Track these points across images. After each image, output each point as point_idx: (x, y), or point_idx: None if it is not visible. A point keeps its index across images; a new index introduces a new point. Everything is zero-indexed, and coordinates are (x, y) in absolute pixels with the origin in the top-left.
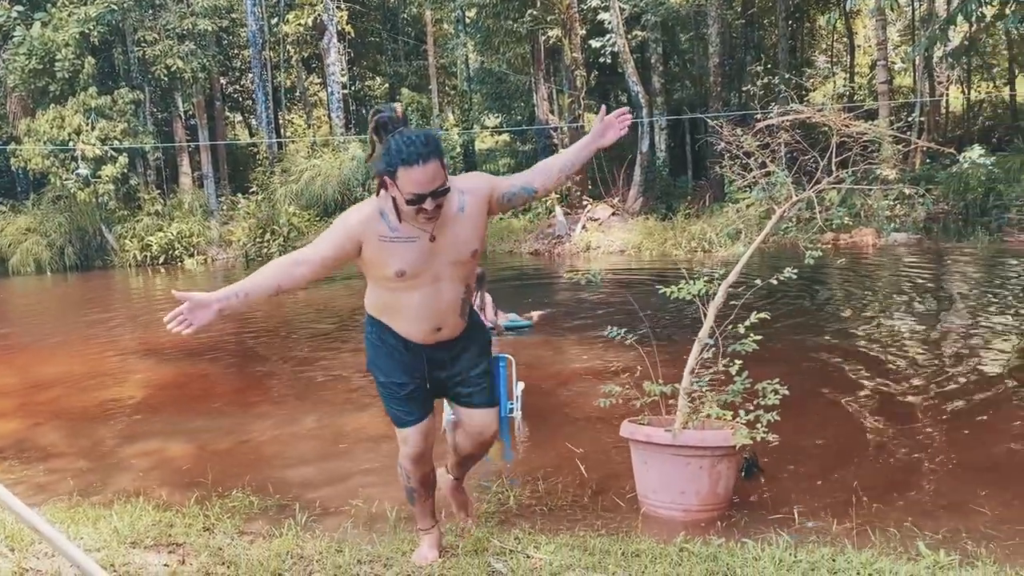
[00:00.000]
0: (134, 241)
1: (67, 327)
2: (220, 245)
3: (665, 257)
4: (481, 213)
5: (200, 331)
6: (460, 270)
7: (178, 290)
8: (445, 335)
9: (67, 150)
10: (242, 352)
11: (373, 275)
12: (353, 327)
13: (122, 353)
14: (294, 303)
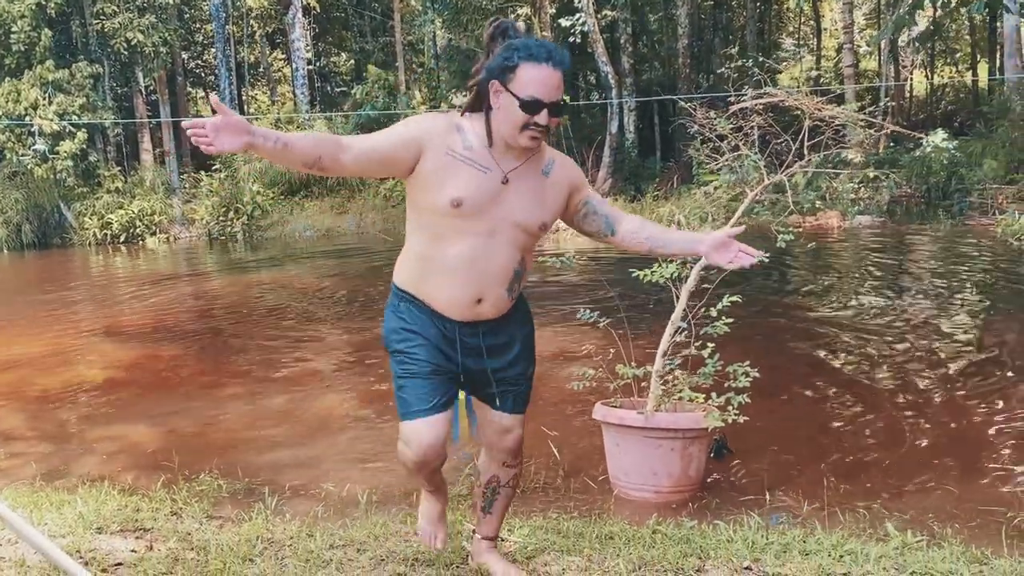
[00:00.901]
0: (94, 219)
1: (26, 306)
2: (183, 223)
3: None
4: (563, 192)
5: (219, 153)
6: (521, 237)
7: (217, 107)
8: (486, 310)
9: (23, 125)
10: (207, 333)
11: (422, 203)
12: (320, 308)
13: (84, 333)
14: (259, 284)
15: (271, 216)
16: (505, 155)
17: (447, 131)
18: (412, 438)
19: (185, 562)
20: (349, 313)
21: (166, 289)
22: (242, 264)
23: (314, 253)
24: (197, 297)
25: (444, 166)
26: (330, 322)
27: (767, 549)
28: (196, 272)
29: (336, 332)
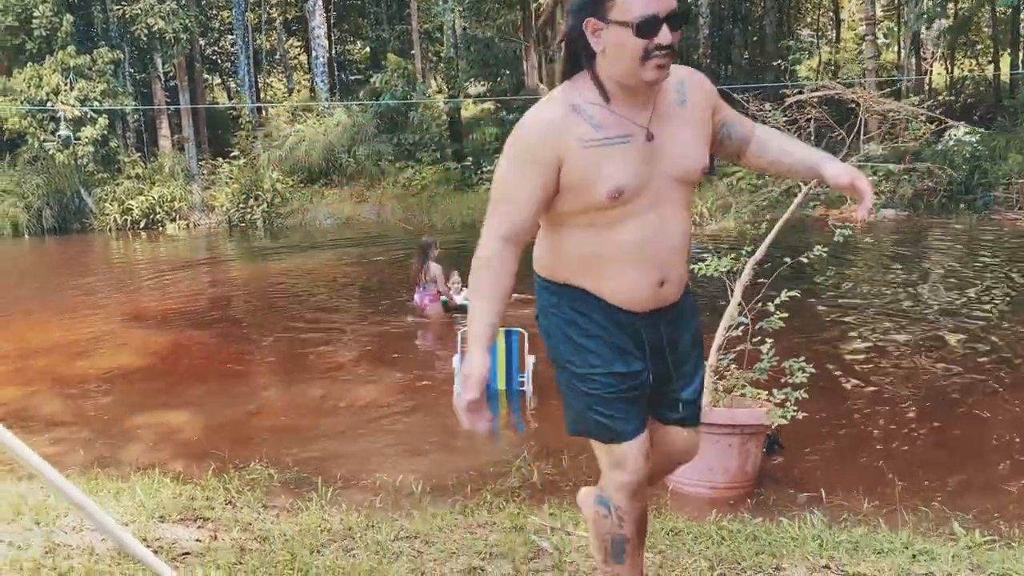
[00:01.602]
0: (114, 205)
1: (52, 292)
2: (202, 210)
3: None
4: (707, 114)
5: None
6: (686, 192)
7: (466, 402)
8: (669, 293)
9: (46, 110)
10: (234, 320)
11: (570, 207)
12: (343, 297)
13: (112, 319)
14: (282, 272)
15: (291, 204)
16: (632, 106)
17: (567, 122)
18: (628, 459)
19: (251, 552)
20: (372, 302)
21: (189, 276)
22: (263, 251)
23: (335, 241)
24: (221, 284)
25: (587, 160)
26: (354, 311)
27: (838, 547)
28: (218, 259)
29: (361, 322)
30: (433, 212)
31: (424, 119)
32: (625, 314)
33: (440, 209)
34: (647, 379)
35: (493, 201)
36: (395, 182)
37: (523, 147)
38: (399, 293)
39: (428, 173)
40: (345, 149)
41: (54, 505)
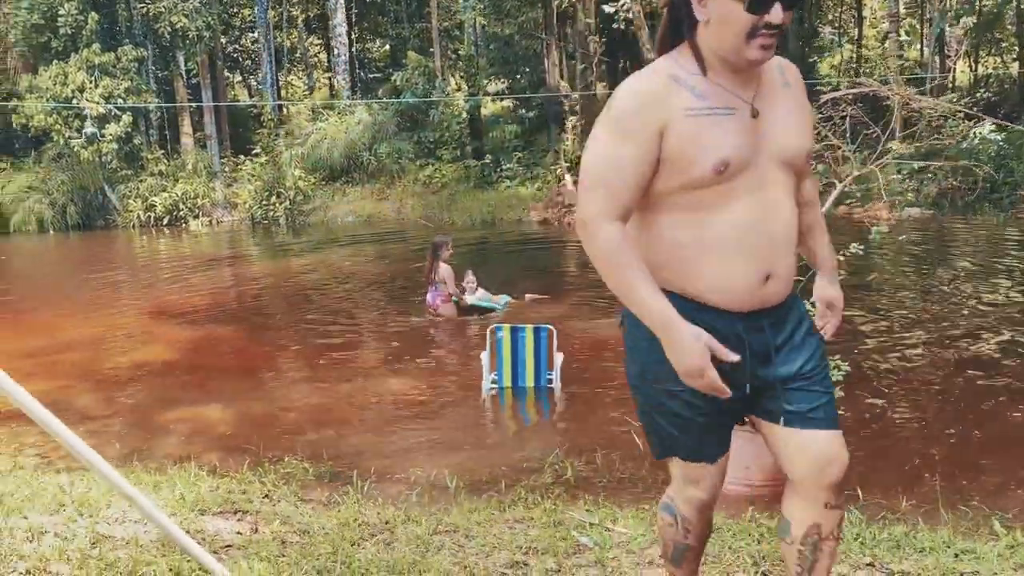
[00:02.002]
0: (138, 201)
1: (79, 288)
2: (225, 207)
3: None
4: (807, 107)
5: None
6: (790, 178)
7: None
8: (774, 291)
9: (71, 108)
10: (262, 316)
11: (669, 184)
12: (366, 293)
13: (139, 315)
14: (305, 268)
15: (313, 201)
16: (733, 82)
17: (669, 90)
18: (705, 478)
19: (292, 545)
20: (394, 299)
21: (213, 272)
22: (286, 248)
23: (356, 238)
24: (245, 280)
25: (690, 132)
26: (377, 308)
27: (879, 545)
28: (241, 255)
29: (383, 318)
30: (453, 209)
31: (444, 117)
32: (724, 319)
33: (460, 206)
34: (743, 396)
35: (592, 184)
36: (415, 180)
37: (623, 117)
38: (420, 290)
39: (448, 171)
40: (366, 147)
41: (96, 497)
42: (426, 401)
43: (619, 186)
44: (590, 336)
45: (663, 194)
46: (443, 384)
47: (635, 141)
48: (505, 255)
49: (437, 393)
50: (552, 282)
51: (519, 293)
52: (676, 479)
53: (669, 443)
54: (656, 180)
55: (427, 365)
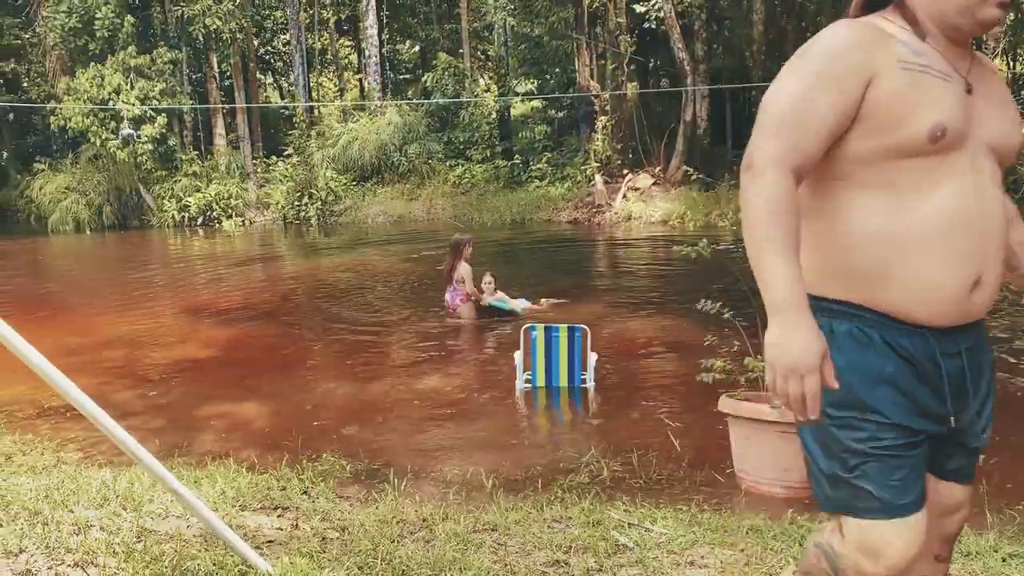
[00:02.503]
0: (172, 201)
1: (116, 287)
2: (258, 207)
3: (711, 228)
4: (1011, 99)
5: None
6: (998, 170)
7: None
8: (980, 301)
9: (107, 109)
10: (295, 314)
11: (869, 148)
12: (398, 292)
13: (175, 313)
14: (337, 268)
15: (344, 201)
16: (949, 52)
17: (883, 40)
18: (886, 547)
19: (332, 541)
20: (425, 298)
21: (246, 271)
22: (318, 248)
23: (387, 238)
24: (278, 279)
25: (902, 87)
26: (407, 307)
27: None
28: (274, 255)
29: (414, 318)
30: (483, 209)
31: (474, 117)
32: (918, 338)
33: (489, 206)
34: (935, 432)
35: (772, 126)
36: (445, 180)
37: (826, 59)
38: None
39: (478, 171)
40: (397, 148)
41: (139, 492)
42: (459, 399)
43: (805, 133)
44: (623, 336)
45: (855, 163)
46: (476, 383)
47: (836, 86)
48: (534, 255)
49: (470, 392)
50: (583, 282)
51: (545, 295)
52: (848, 544)
53: (843, 491)
54: (848, 141)
55: (459, 364)
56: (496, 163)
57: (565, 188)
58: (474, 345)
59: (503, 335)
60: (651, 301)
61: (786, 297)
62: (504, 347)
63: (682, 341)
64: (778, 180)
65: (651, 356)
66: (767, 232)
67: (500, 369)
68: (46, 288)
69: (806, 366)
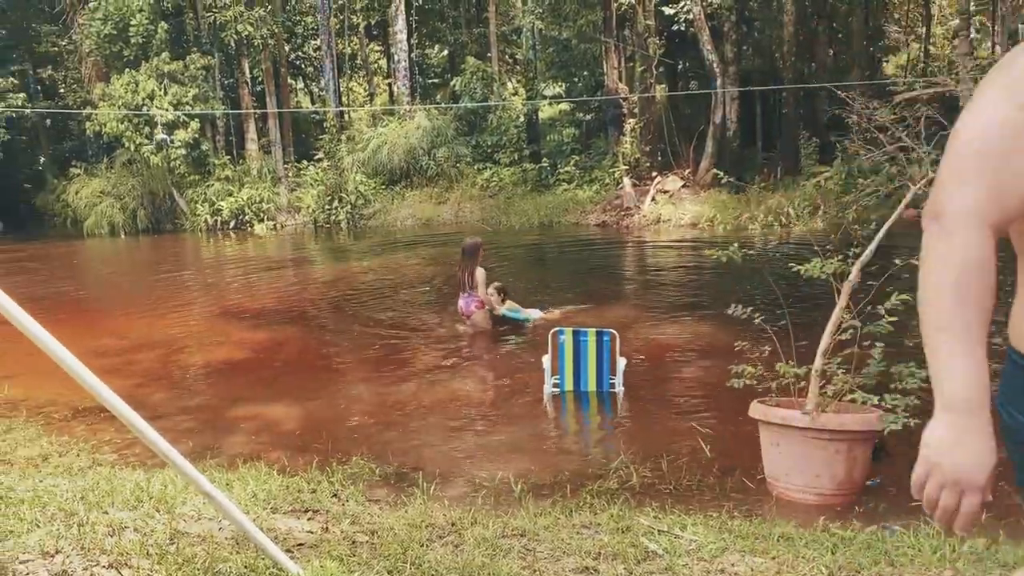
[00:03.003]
0: (204, 206)
1: (149, 290)
2: (289, 211)
3: (741, 231)
4: None
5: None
6: None
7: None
8: None
9: (142, 115)
10: (324, 318)
11: None
12: (426, 296)
13: (207, 316)
14: (367, 271)
15: (374, 205)
16: None
17: None
18: None
19: (362, 545)
20: (453, 302)
21: (278, 274)
22: (347, 251)
23: (415, 242)
24: (308, 282)
25: None
26: (437, 311)
27: (960, 558)
28: (305, 258)
29: (443, 321)
30: (511, 212)
31: (502, 121)
32: None
33: (517, 210)
34: None
35: (969, 164)
36: (473, 183)
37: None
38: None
39: (506, 174)
40: (425, 152)
41: (172, 494)
42: (487, 403)
43: (1013, 175)
44: (653, 340)
45: None
46: (504, 387)
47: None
48: (563, 258)
49: (498, 396)
50: (611, 286)
51: (572, 300)
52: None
53: None
54: None
55: (487, 368)
56: (524, 166)
57: (593, 191)
58: (501, 349)
59: (529, 340)
60: (681, 305)
61: (966, 397)
62: (531, 351)
63: (712, 346)
64: (974, 241)
65: (681, 361)
66: (952, 311)
67: (528, 373)
68: (82, 291)
69: (971, 482)
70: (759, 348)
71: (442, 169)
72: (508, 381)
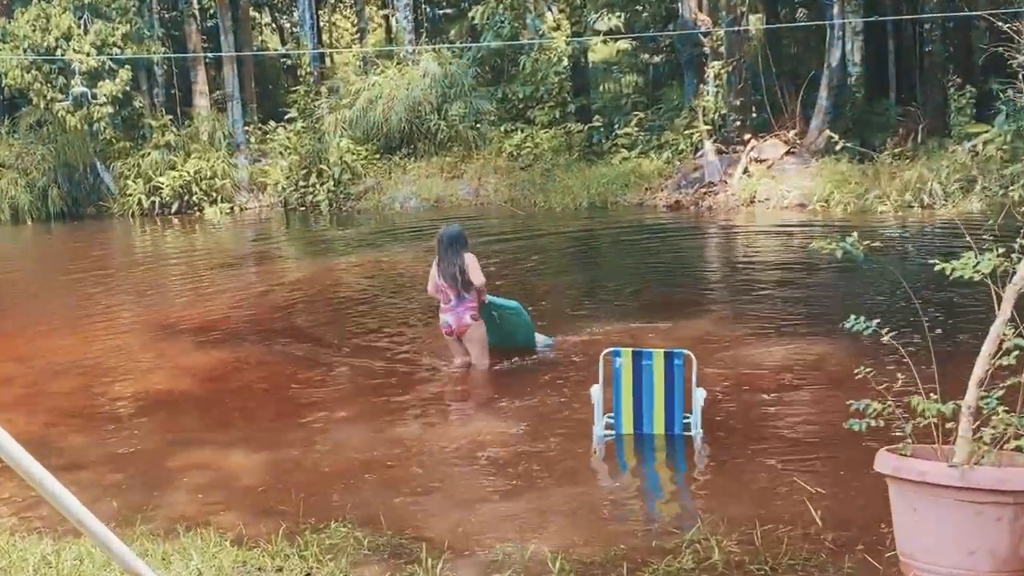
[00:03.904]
0: (138, 182)
1: (64, 295)
2: (251, 189)
3: (866, 214)
4: None
5: None
6: None
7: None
8: None
9: (54, 60)
10: (298, 333)
11: None
12: (431, 306)
13: (141, 331)
14: (352, 271)
15: (364, 181)
16: None
17: None
18: None
19: None
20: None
21: (235, 274)
22: (329, 243)
23: (420, 230)
24: (276, 285)
25: None
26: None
27: None
28: (271, 252)
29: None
30: (549, 190)
31: (538, 66)
32: None
33: (559, 186)
34: None
35: None
36: (499, 151)
37: None
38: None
39: (543, 138)
40: (434, 108)
41: (89, 572)
42: (515, 451)
43: None
44: (743, 365)
45: None
46: (536, 428)
47: None
48: (619, 252)
49: (529, 440)
50: (686, 290)
51: (635, 313)
52: None
53: None
54: None
55: (512, 400)
56: (568, 127)
57: (663, 160)
58: (530, 376)
59: (569, 362)
60: (781, 317)
61: None
62: (573, 379)
63: (824, 373)
64: None
65: (781, 393)
66: None
67: (570, 409)
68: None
69: None
70: (888, 376)
71: (457, 132)
72: (541, 420)
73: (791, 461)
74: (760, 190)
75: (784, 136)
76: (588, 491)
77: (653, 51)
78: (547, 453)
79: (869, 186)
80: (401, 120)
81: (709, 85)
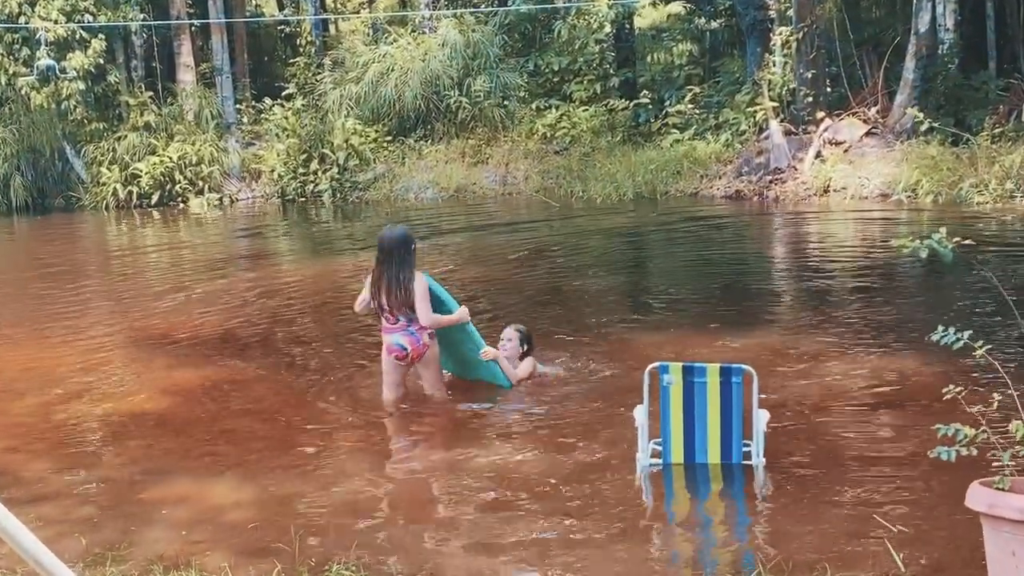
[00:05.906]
0: (113, 169)
1: (26, 300)
2: (243, 177)
3: (961, 207)
4: None
5: None
6: None
7: None
8: None
9: (17, 28)
10: (295, 345)
11: None
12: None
13: (115, 343)
14: (359, 273)
15: (373, 167)
16: None
17: None
18: None
19: None
20: (495, 318)
21: (224, 277)
22: (333, 240)
23: (437, 225)
24: (271, 290)
25: None
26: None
27: None
28: (265, 252)
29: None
30: (589, 178)
31: (576, 33)
32: None
33: (600, 173)
34: None
35: None
36: (530, 132)
37: None
38: (540, 323)
39: (582, 117)
40: (454, 83)
41: None
42: (546, 481)
43: None
44: (812, 383)
45: None
46: (570, 454)
47: None
48: (670, 250)
49: (562, 469)
50: (745, 295)
51: (679, 323)
52: None
53: None
54: None
55: (542, 424)
56: (610, 104)
57: (721, 143)
58: (561, 396)
59: (608, 378)
60: (857, 326)
61: None
62: (611, 399)
63: (906, 392)
64: None
65: (857, 415)
66: None
67: (610, 433)
68: None
69: None
70: (983, 397)
71: (481, 110)
72: (575, 446)
73: (868, 495)
74: (835, 177)
75: (864, 115)
76: (629, 531)
77: (710, 15)
78: (582, 486)
79: (964, 173)
80: (416, 97)
81: (775, 55)
